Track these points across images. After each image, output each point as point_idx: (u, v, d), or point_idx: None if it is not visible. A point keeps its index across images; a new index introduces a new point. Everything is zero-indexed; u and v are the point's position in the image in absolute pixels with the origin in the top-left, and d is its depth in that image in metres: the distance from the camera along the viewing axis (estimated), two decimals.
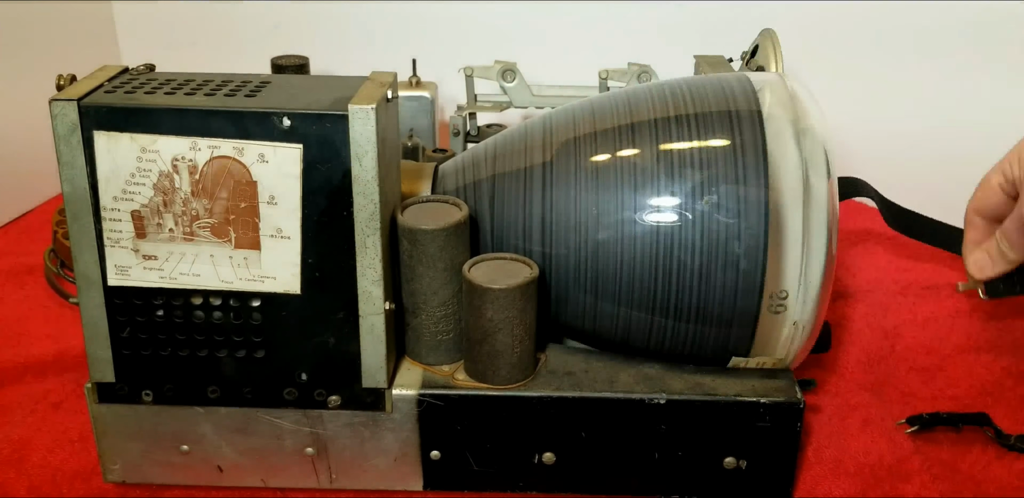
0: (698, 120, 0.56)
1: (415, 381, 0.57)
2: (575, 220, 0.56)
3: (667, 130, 0.56)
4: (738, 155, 0.55)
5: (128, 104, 0.51)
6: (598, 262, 0.56)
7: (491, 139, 0.62)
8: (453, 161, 0.63)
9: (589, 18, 1.03)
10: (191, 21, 1.10)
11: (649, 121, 0.57)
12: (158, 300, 0.55)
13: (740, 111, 0.56)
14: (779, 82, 0.59)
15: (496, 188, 0.58)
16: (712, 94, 0.58)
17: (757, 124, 0.56)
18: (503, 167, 0.59)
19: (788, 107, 0.57)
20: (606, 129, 0.57)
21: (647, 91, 0.60)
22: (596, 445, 0.58)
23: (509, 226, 0.58)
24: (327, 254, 0.53)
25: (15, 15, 0.93)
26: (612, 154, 0.56)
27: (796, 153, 0.55)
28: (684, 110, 0.57)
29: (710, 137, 0.55)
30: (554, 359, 0.59)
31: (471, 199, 0.59)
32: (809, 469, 0.63)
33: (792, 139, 0.55)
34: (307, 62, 0.84)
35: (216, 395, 0.57)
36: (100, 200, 0.52)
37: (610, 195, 0.55)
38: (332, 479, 0.59)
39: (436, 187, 0.61)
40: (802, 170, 0.54)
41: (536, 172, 0.57)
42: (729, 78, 0.60)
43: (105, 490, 0.61)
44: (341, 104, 0.51)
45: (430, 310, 0.57)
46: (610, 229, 0.55)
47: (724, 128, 0.56)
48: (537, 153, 0.58)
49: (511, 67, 0.83)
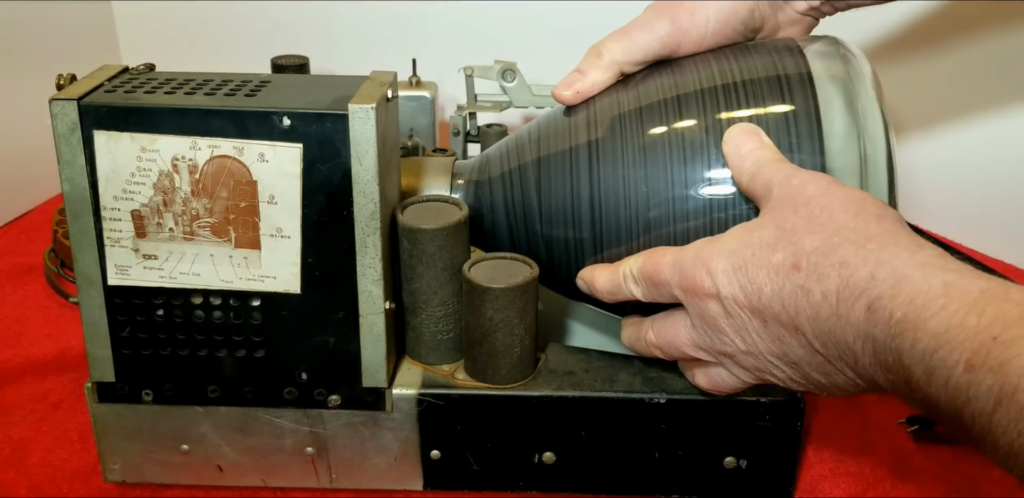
0: (746, 87, 0.54)
1: (415, 381, 0.57)
2: (624, 197, 0.54)
3: (715, 100, 0.54)
4: (791, 122, 0.52)
5: (128, 104, 0.51)
6: (650, 239, 0.54)
7: (533, 123, 0.61)
8: (496, 146, 0.61)
9: (589, 18, 1.03)
10: (191, 21, 1.10)
11: (696, 92, 0.55)
12: (158, 300, 0.55)
13: (790, 76, 0.54)
14: (830, 44, 0.56)
15: (542, 170, 0.57)
16: (759, 60, 0.55)
17: (808, 89, 0.53)
18: (547, 149, 0.57)
19: (841, 70, 0.54)
20: (651, 103, 0.55)
21: (691, 62, 0.57)
22: (596, 445, 0.58)
23: (557, 208, 0.56)
24: (327, 254, 0.53)
25: (15, 15, 0.93)
26: (660, 128, 0.54)
27: (850, 119, 0.52)
28: (731, 78, 0.55)
29: (760, 105, 0.53)
30: (554, 359, 0.59)
31: (517, 183, 0.58)
32: (809, 469, 0.63)
33: (845, 104, 0.52)
34: (307, 62, 0.84)
35: (216, 395, 0.57)
36: (100, 200, 0.52)
37: (659, 170, 0.53)
38: (332, 479, 0.59)
39: (480, 173, 0.60)
40: (858, 136, 0.52)
41: (582, 151, 0.56)
42: (777, 43, 0.57)
43: (105, 490, 0.61)
44: (341, 104, 0.51)
45: (430, 310, 0.57)
46: (661, 205, 0.53)
47: (774, 94, 0.53)
48: (582, 132, 0.56)
49: (511, 67, 0.83)
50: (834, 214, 0.45)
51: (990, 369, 0.37)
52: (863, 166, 0.51)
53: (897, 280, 0.41)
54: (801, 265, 0.45)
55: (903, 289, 0.41)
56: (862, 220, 0.44)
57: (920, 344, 0.39)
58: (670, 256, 0.50)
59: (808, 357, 0.46)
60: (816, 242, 0.44)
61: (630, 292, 0.52)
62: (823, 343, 0.45)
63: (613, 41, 0.57)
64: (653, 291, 0.51)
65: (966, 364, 0.38)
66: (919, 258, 0.42)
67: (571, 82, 0.57)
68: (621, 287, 0.53)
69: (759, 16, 0.58)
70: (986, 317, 0.38)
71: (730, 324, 0.48)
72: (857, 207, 0.45)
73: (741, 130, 0.52)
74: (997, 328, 0.38)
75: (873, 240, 0.43)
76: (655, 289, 0.51)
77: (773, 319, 0.46)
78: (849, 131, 0.52)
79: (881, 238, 0.43)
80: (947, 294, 0.40)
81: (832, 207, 0.45)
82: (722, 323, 0.48)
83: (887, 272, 0.42)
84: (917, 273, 0.41)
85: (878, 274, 0.42)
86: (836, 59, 0.55)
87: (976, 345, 0.38)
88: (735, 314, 0.47)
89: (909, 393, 0.41)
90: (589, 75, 0.57)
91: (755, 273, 0.46)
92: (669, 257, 0.50)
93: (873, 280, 0.42)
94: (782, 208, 0.47)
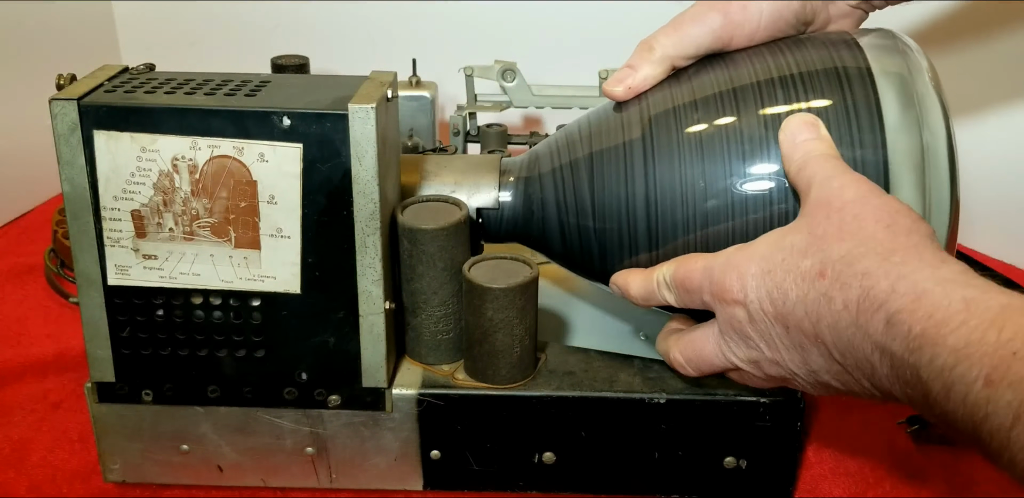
0: (804, 80, 0.53)
1: (415, 381, 0.57)
2: (681, 193, 0.53)
3: (772, 93, 0.53)
4: (851, 115, 0.52)
5: (128, 104, 0.51)
6: (708, 236, 0.53)
7: (583, 118, 0.60)
8: (545, 143, 0.61)
9: (589, 18, 1.03)
10: (191, 21, 1.10)
11: (752, 84, 0.54)
12: (158, 300, 0.55)
13: (848, 69, 0.53)
14: (887, 37, 0.56)
15: (595, 166, 0.56)
16: (816, 53, 0.55)
17: (868, 82, 0.52)
18: (600, 144, 0.56)
19: (899, 63, 0.53)
20: (707, 97, 0.54)
21: (745, 56, 0.56)
22: (596, 445, 0.58)
23: (611, 203, 0.55)
24: (327, 254, 0.53)
25: (15, 15, 0.93)
26: (716, 122, 0.53)
27: (910, 111, 0.51)
28: (788, 70, 0.54)
29: (819, 97, 0.52)
30: (554, 359, 0.59)
31: (569, 179, 0.57)
32: (809, 469, 0.63)
33: (905, 97, 0.52)
34: (307, 62, 0.84)
35: (216, 395, 0.57)
36: (100, 200, 0.52)
37: (717, 165, 0.53)
38: (332, 479, 0.59)
39: (530, 169, 0.60)
40: (919, 128, 0.51)
41: (636, 146, 0.55)
42: (831, 36, 0.57)
43: (105, 490, 0.61)
44: (341, 104, 0.51)
45: (430, 310, 0.57)
46: (719, 201, 0.53)
47: (833, 88, 0.52)
48: (635, 127, 0.55)
49: (511, 67, 0.83)
50: (864, 223, 0.45)
51: (1009, 384, 0.37)
52: (924, 157, 0.51)
53: (917, 295, 0.41)
54: (827, 273, 0.44)
55: (923, 304, 0.41)
56: (891, 232, 0.44)
57: (939, 359, 0.39)
58: (702, 262, 0.50)
59: (827, 366, 0.46)
60: (843, 250, 0.44)
61: (663, 298, 0.52)
62: (842, 353, 0.44)
63: (664, 35, 0.56)
64: (685, 297, 0.51)
65: (985, 380, 0.37)
66: (941, 273, 0.41)
67: (622, 78, 0.56)
68: (655, 293, 0.53)
69: (810, 9, 0.57)
70: (1006, 333, 0.38)
71: (755, 329, 0.48)
72: (889, 218, 0.45)
73: (800, 120, 0.51)
74: (1017, 343, 0.37)
75: (897, 253, 0.43)
76: (687, 295, 0.51)
77: (795, 325, 0.46)
78: (910, 124, 0.51)
79: (906, 252, 0.43)
80: (967, 310, 0.39)
81: (864, 215, 0.45)
82: (748, 329, 0.48)
83: (908, 286, 0.41)
84: (938, 288, 0.41)
85: (899, 288, 0.42)
86: (894, 52, 0.54)
87: (996, 361, 0.37)
88: (759, 319, 0.47)
89: (927, 408, 0.41)
90: (641, 70, 0.56)
91: (783, 278, 0.46)
92: (701, 263, 0.50)
93: (894, 293, 0.42)
94: (816, 212, 0.47)
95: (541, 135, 0.85)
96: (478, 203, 0.60)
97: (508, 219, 0.60)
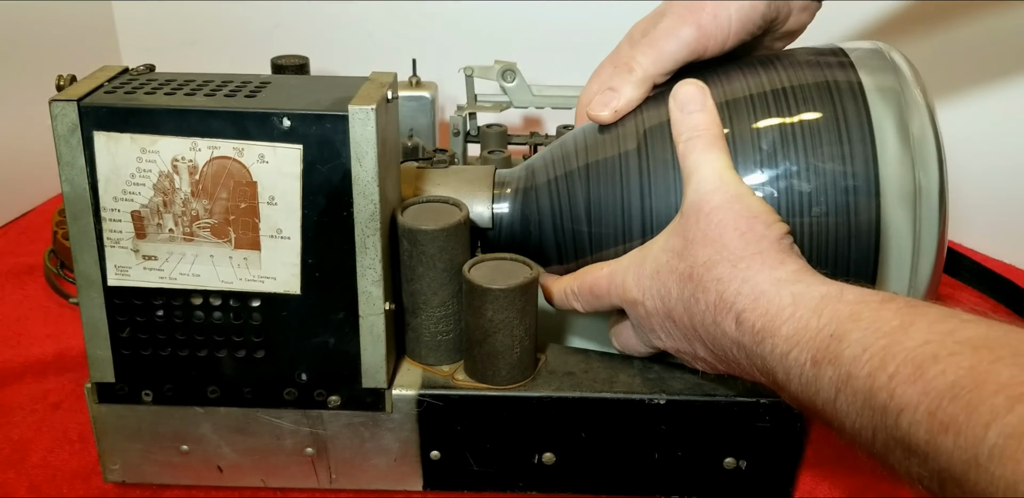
0: (795, 93, 0.54)
1: (415, 381, 0.57)
2: (676, 203, 0.54)
3: (764, 106, 0.54)
4: (841, 129, 0.52)
5: (128, 104, 0.51)
6: None
7: (579, 129, 0.60)
8: (540, 155, 0.61)
9: (589, 18, 1.03)
10: (191, 21, 1.10)
11: (745, 97, 0.55)
12: (158, 300, 0.55)
13: (839, 83, 0.54)
14: (877, 51, 0.57)
15: (591, 178, 0.57)
16: (807, 69, 0.55)
17: (860, 97, 0.53)
18: (595, 155, 0.57)
19: (889, 77, 0.54)
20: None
21: (737, 67, 0.57)
22: (596, 445, 0.58)
23: (607, 215, 0.56)
24: (327, 254, 0.53)
25: (15, 15, 0.93)
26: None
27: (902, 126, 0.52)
28: (780, 84, 0.55)
29: (810, 111, 0.53)
30: (554, 359, 0.59)
31: (564, 191, 0.58)
32: (809, 469, 0.63)
33: (895, 112, 0.53)
34: (307, 62, 0.84)
35: (216, 395, 0.57)
36: (100, 200, 0.52)
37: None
38: (332, 479, 0.60)
39: (527, 181, 0.60)
40: (910, 153, 0.52)
41: (631, 158, 0.56)
42: (822, 50, 0.57)
43: (105, 490, 0.61)
44: (341, 105, 0.51)
45: (430, 310, 0.57)
46: None
47: (825, 102, 0.53)
48: (630, 139, 0.56)
49: (511, 67, 0.83)
50: (724, 231, 0.49)
51: (829, 362, 0.42)
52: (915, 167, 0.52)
53: (756, 296, 0.46)
54: (693, 276, 0.49)
55: (760, 303, 0.46)
56: (744, 240, 0.48)
57: (777, 349, 0.45)
58: (607, 269, 0.55)
59: (709, 357, 0.51)
60: (704, 256, 0.49)
61: (572, 306, 0.57)
62: (713, 346, 0.50)
63: (641, 54, 0.57)
64: (595, 302, 0.56)
65: (811, 361, 0.43)
66: (777, 274, 0.47)
67: (606, 101, 0.57)
68: (564, 302, 0.58)
69: (774, 8, 0.58)
70: (823, 318, 0.43)
71: (656, 323, 0.53)
72: (746, 225, 0.48)
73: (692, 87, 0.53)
74: (833, 326, 0.43)
75: (745, 260, 0.48)
76: (597, 300, 0.56)
77: (679, 321, 0.51)
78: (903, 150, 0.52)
79: (751, 258, 0.48)
80: (794, 303, 0.45)
81: (724, 223, 0.49)
82: (650, 323, 0.53)
83: (749, 288, 0.47)
84: (772, 288, 0.46)
85: (743, 290, 0.47)
86: (886, 71, 0.55)
87: (818, 343, 0.43)
88: (655, 314, 0.52)
89: (781, 391, 0.47)
90: (623, 93, 0.57)
91: (667, 278, 0.51)
92: (606, 269, 0.55)
93: (739, 295, 0.47)
94: (690, 214, 0.50)
95: (541, 135, 0.86)
96: (475, 216, 0.60)
97: (506, 231, 0.61)
